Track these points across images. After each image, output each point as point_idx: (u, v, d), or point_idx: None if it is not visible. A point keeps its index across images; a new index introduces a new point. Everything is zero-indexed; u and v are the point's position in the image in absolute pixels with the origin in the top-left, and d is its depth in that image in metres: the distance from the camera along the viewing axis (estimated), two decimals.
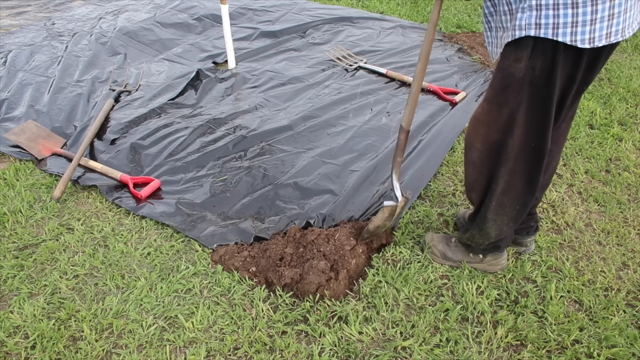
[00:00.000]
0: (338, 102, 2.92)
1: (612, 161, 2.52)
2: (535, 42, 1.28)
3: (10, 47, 3.55)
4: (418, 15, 4.36)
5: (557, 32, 1.23)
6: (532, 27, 1.25)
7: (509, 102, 1.40)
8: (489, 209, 1.63)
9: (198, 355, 1.54)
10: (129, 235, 2.00)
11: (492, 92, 1.45)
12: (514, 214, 1.62)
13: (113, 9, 4.23)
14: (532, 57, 1.31)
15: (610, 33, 1.24)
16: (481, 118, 1.50)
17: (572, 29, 1.22)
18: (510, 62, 1.36)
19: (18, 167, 2.36)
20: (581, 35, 1.22)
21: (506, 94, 1.40)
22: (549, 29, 1.23)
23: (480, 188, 1.63)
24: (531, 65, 1.32)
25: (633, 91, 3.17)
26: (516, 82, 1.36)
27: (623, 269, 1.90)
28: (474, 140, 1.56)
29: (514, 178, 1.53)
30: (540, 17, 1.24)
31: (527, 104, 1.38)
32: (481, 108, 1.50)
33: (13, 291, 1.77)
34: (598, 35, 1.23)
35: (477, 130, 1.53)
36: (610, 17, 1.21)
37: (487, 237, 1.71)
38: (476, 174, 1.62)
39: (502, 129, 1.45)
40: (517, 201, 1.59)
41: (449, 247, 1.86)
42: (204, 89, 3.04)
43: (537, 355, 1.57)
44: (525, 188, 1.56)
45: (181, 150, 2.49)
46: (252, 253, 1.87)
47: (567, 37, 1.23)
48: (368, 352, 1.57)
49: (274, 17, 4.07)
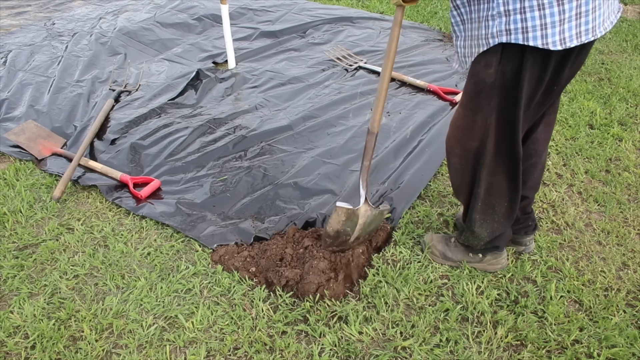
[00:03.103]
0: (338, 102, 2.92)
1: (612, 161, 2.52)
2: (504, 47, 1.29)
3: (10, 47, 3.55)
4: (418, 15, 4.36)
5: (528, 37, 1.23)
6: (503, 33, 1.26)
7: (483, 107, 1.41)
8: (475, 210, 1.64)
9: (198, 355, 1.54)
10: (129, 235, 2.00)
11: (466, 98, 1.46)
12: (503, 212, 1.63)
13: (113, 9, 4.23)
14: (501, 62, 1.31)
15: (580, 32, 1.23)
16: (458, 123, 1.52)
17: (542, 31, 1.21)
18: (481, 68, 1.37)
19: (18, 167, 2.36)
20: (552, 37, 1.22)
21: (479, 99, 1.41)
22: (519, 34, 1.23)
23: (465, 190, 1.65)
24: (501, 70, 1.33)
25: (633, 91, 3.17)
26: (488, 87, 1.37)
27: (623, 269, 1.90)
28: (453, 145, 1.57)
29: (495, 179, 1.55)
30: (509, 23, 1.23)
31: (499, 108, 1.40)
32: (457, 113, 1.52)
33: (13, 291, 1.77)
34: (568, 35, 1.22)
35: (454, 135, 1.55)
36: (578, 16, 1.21)
37: (479, 237, 1.71)
38: (459, 178, 1.64)
39: (478, 133, 1.47)
40: (504, 199, 1.60)
41: (448, 247, 1.86)
42: (204, 89, 3.04)
43: (537, 355, 1.57)
44: (509, 186, 1.57)
45: (181, 150, 2.49)
46: (252, 253, 1.87)
47: (537, 41, 1.23)
48: (368, 352, 1.57)
49: (274, 17, 4.07)
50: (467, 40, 1.40)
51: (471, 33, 1.37)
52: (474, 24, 1.35)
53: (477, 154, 1.51)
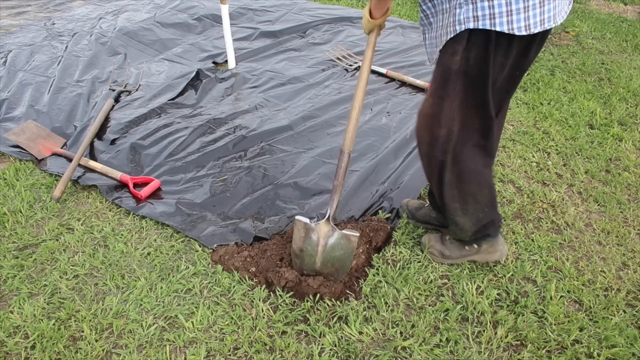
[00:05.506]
0: (338, 102, 2.92)
1: (612, 161, 2.52)
2: (470, 34, 1.34)
3: (10, 47, 3.55)
4: (418, 15, 4.36)
5: (495, 22, 1.29)
6: (470, 20, 1.31)
7: (449, 94, 1.45)
8: (450, 198, 1.65)
9: (198, 355, 1.54)
10: (129, 235, 2.00)
11: (434, 86, 1.50)
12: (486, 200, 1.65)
13: (113, 9, 4.23)
14: (466, 49, 1.36)
15: (543, 20, 1.30)
16: (426, 111, 1.54)
17: (508, 17, 1.28)
18: (448, 56, 1.41)
19: (18, 167, 2.36)
20: (517, 23, 1.28)
21: (446, 86, 1.44)
22: (486, 20, 1.29)
23: (436, 178, 1.66)
24: (466, 57, 1.37)
25: (633, 91, 3.17)
26: (453, 74, 1.41)
27: (623, 269, 1.90)
28: (422, 133, 1.59)
29: (465, 166, 1.57)
30: (477, 10, 1.29)
31: (464, 94, 1.43)
32: (426, 102, 1.54)
33: (13, 291, 1.76)
34: (533, 22, 1.29)
35: (423, 123, 1.57)
36: (541, 4, 1.28)
37: (464, 229, 1.72)
38: (428, 166, 1.65)
39: (445, 120, 1.49)
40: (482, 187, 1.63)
41: (444, 245, 1.86)
42: (204, 89, 3.04)
43: (537, 355, 1.57)
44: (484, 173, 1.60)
45: (181, 150, 2.49)
46: (252, 253, 1.87)
47: (504, 26, 1.29)
48: (368, 352, 1.57)
49: (274, 17, 4.07)
50: (437, 31, 1.45)
51: (441, 24, 1.42)
52: (445, 14, 1.39)
53: (445, 141, 1.53)
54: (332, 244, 1.69)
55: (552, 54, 3.72)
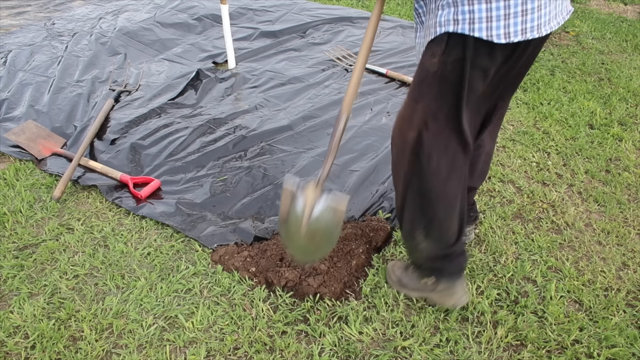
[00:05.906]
0: (338, 102, 2.92)
1: (612, 161, 2.52)
2: (449, 37, 1.29)
3: (10, 47, 3.55)
4: None
5: (474, 27, 1.24)
6: (450, 23, 1.27)
7: (424, 96, 1.39)
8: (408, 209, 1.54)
9: (198, 355, 1.54)
10: (129, 235, 2.00)
11: (411, 87, 1.44)
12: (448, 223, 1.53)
13: (113, 9, 4.23)
14: (445, 52, 1.31)
15: (525, 29, 1.25)
16: (402, 113, 1.47)
17: (487, 23, 1.23)
18: (427, 58, 1.36)
19: (18, 167, 2.36)
20: (496, 30, 1.24)
21: (421, 87, 1.39)
22: (465, 24, 1.25)
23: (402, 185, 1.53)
24: (444, 60, 1.32)
25: (633, 91, 3.17)
26: (430, 76, 1.36)
27: (623, 269, 1.90)
28: (394, 134, 1.51)
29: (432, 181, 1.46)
30: (457, 13, 1.25)
31: (438, 98, 1.37)
32: (404, 103, 1.48)
33: (13, 291, 1.77)
34: (513, 30, 1.24)
35: (397, 124, 1.49)
36: (524, 13, 1.23)
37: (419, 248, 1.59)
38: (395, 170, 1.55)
39: (417, 122, 1.41)
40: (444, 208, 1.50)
41: (406, 273, 1.75)
42: (204, 89, 3.04)
43: (537, 355, 1.57)
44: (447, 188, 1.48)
45: (181, 150, 2.49)
46: (252, 253, 1.87)
47: (482, 32, 1.24)
48: (368, 352, 1.57)
49: (274, 17, 4.07)
50: (424, 31, 1.41)
51: (427, 24, 1.39)
52: (431, 14, 1.36)
53: (414, 144, 1.43)
54: (318, 215, 1.53)
55: (552, 54, 3.73)
